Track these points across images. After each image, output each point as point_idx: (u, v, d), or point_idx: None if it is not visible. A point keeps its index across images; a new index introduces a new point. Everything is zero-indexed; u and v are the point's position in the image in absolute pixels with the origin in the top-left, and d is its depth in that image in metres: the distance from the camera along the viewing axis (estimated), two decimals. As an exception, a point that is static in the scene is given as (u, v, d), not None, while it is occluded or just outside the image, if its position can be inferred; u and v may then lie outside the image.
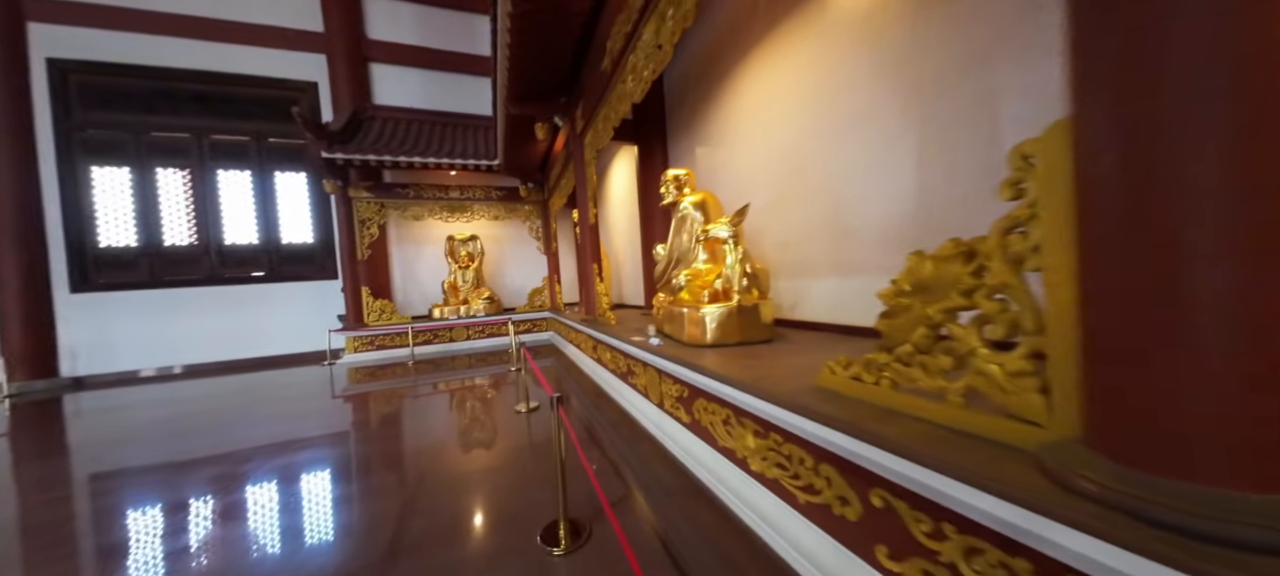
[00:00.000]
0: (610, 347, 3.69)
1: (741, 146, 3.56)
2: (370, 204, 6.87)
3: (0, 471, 2.97)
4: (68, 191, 6.23)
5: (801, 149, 2.84)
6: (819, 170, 2.72)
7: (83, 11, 6.18)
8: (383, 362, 6.47)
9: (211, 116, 6.90)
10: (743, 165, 3.55)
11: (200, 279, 6.86)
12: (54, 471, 2.91)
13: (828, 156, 2.64)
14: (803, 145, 2.83)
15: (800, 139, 2.85)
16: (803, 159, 2.84)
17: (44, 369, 6.06)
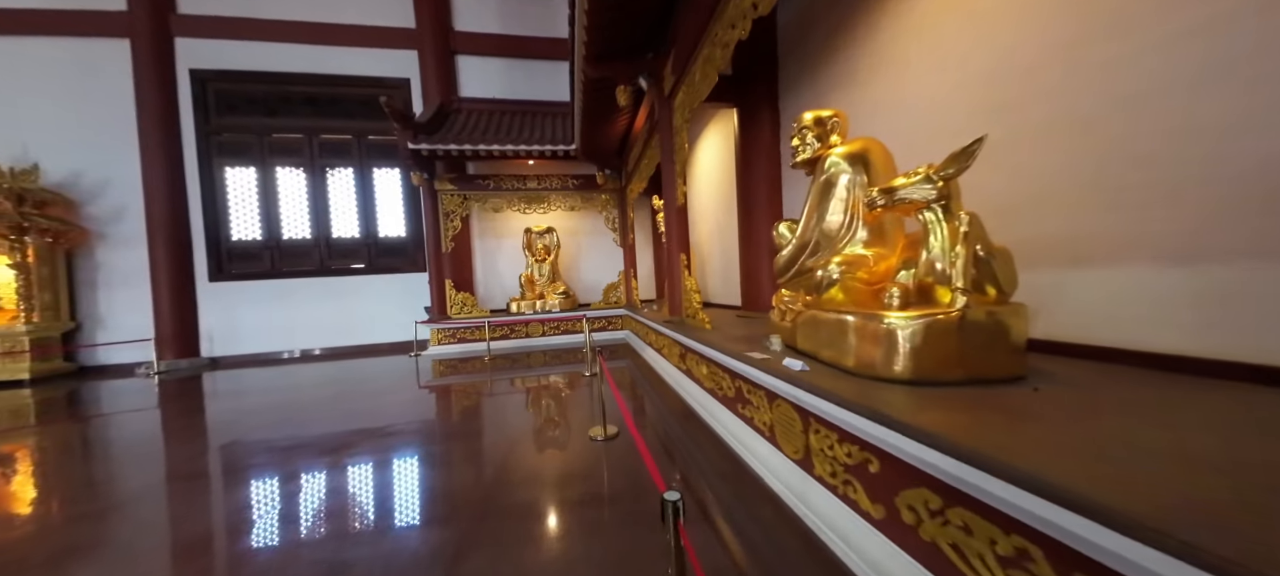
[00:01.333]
0: (707, 361, 2.82)
1: (911, 78, 2.47)
2: (454, 196, 6.67)
3: (152, 438, 3.30)
4: (206, 190, 6.76)
5: (1040, 59, 1.72)
6: (1076, 90, 1.59)
7: (217, 24, 6.64)
8: (463, 356, 6.22)
9: (321, 117, 7.15)
10: (914, 104, 2.47)
11: (311, 270, 7.16)
12: (192, 440, 3.19)
13: (1094, 69, 1.51)
14: (1043, 53, 1.71)
15: (1036, 41, 1.73)
16: (1039, 77, 1.72)
17: (187, 349, 6.63)
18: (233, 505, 2.12)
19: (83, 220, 6.38)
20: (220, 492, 2.28)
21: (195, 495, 2.25)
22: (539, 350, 6.37)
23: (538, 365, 5.51)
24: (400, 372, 5.41)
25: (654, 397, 3.60)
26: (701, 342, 2.79)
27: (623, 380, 4.41)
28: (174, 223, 6.55)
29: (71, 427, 3.68)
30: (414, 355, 6.36)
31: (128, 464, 2.75)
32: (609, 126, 5.35)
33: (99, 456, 2.95)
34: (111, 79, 6.32)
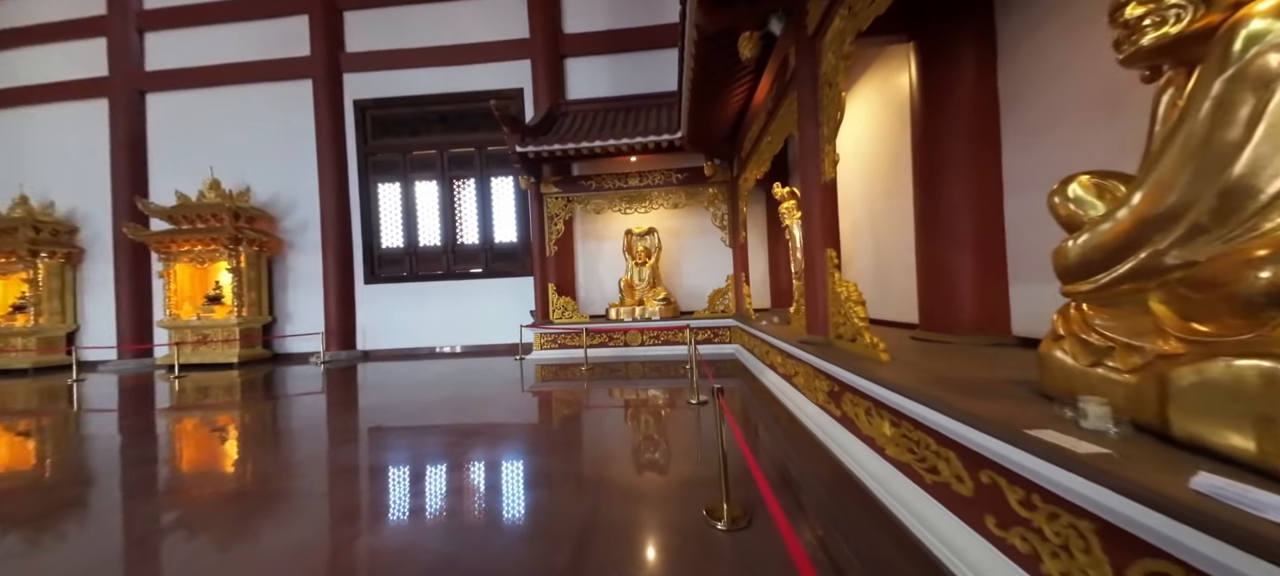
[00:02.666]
0: (902, 419, 1.71)
1: None
2: (558, 199, 6.40)
3: (317, 417, 3.86)
4: (364, 204, 7.61)
5: None
6: None
7: (374, 58, 7.46)
8: (562, 362, 5.83)
9: (450, 132, 7.59)
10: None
11: (441, 273, 7.60)
12: (347, 421, 3.70)
13: None
14: None
15: None
16: None
17: (346, 342, 7.48)
18: (373, 474, 2.51)
19: (279, 232, 7.66)
20: (365, 466, 2.64)
21: (345, 469, 2.61)
22: (638, 361, 5.66)
23: (636, 377, 4.81)
24: (506, 375, 5.25)
25: (787, 448, 2.53)
26: (886, 387, 1.70)
27: (734, 407, 3.41)
28: (341, 233, 7.48)
29: (265, 404, 4.49)
30: (519, 358, 6.20)
31: (302, 435, 3.38)
32: (721, 103, 4.43)
33: (282, 428, 3.61)
34: (299, 113, 7.48)
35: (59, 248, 7.50)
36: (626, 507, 1.90)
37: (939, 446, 1.49)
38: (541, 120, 6.45)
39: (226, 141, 7.60)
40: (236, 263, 7.04)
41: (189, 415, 4.14)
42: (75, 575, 1.59)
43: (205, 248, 7.14)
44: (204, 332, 7.07)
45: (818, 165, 2.58)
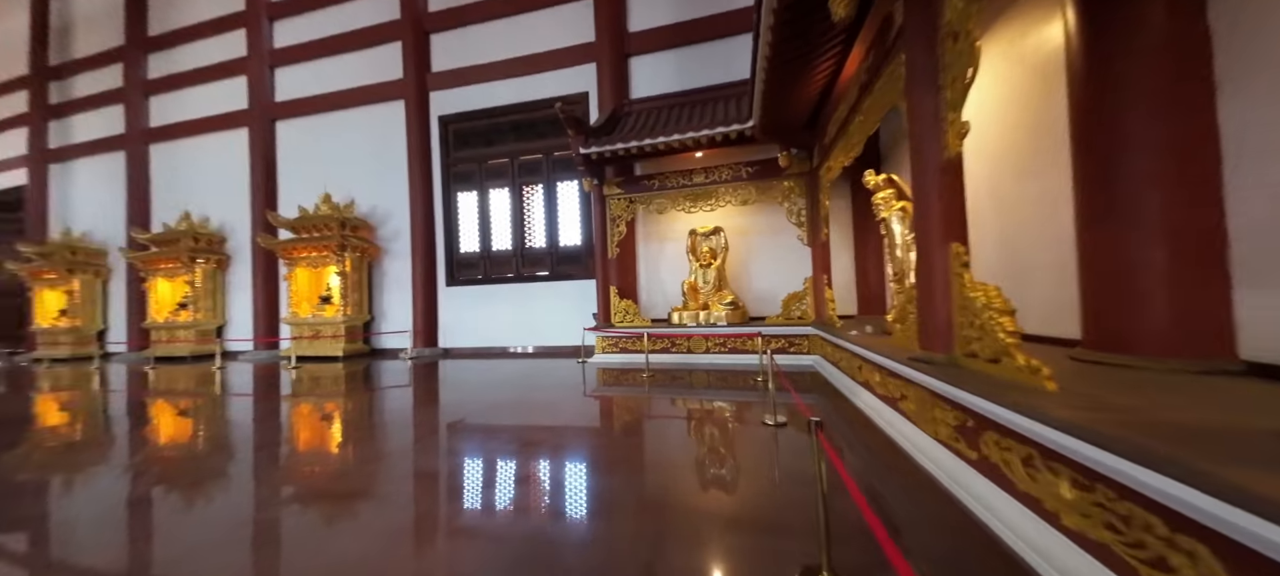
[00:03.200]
0: (1108, 487, 1.17)
1: None
2: (620, 199, 6.20)
3: (404, 412, 4.06)
4: (446, 212, 8.07)
5: None
6: None
7: (456, 76, 7.89)
8: (623, 367, 5.59)
9: (520, 141, 7.78)
10: None
11: (511, 276, 7.81)
12: (429, 415, 3.89)
13: None
14: None
15: None
16: None
17: (430, 340, 7.96)
18: (451, 459, 2.73)
19: (377, 240, 8.39)
20: (444, 451, 2.89)
21: (427, 449, 2.93)
22: (702, 369, 5.23)
23: (700, 388, 4.39)
24: (568, 378, 5.13)
25: (893, 490, 1.99)
26: (1067, 431, 1.17)
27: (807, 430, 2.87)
28: (426, 240, 7.99)
29: (363, 394, 4.91)
30: (581, 361, 6.08)
31: (393, 422, 3.71)
32: (802, 83, 3.88)
33: (376, 420, 3.82)
34: (393, 131, 8.14)
35: (211, 255, 8.93)
36: (697, 556, 1.52)
37: (1173, 532, 0.92)
38: (605, 121, 6.30)
39: (337, 160, 8.52)
40: (343, 267, 7.82)
41: (304, 400, 4.69)
42: (218, 531, 1.88)
43: (319, 254, 8.02)
44: (317, 329, 7.93)
45: (937, 139, 2.01)
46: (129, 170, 9.64)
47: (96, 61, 10.17)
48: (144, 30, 9.67)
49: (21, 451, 3.19)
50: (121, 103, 9.83)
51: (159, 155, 9.67)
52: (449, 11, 7.94)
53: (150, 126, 9.64)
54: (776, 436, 2.83)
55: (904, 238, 3.66)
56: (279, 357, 8.15)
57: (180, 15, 9.51)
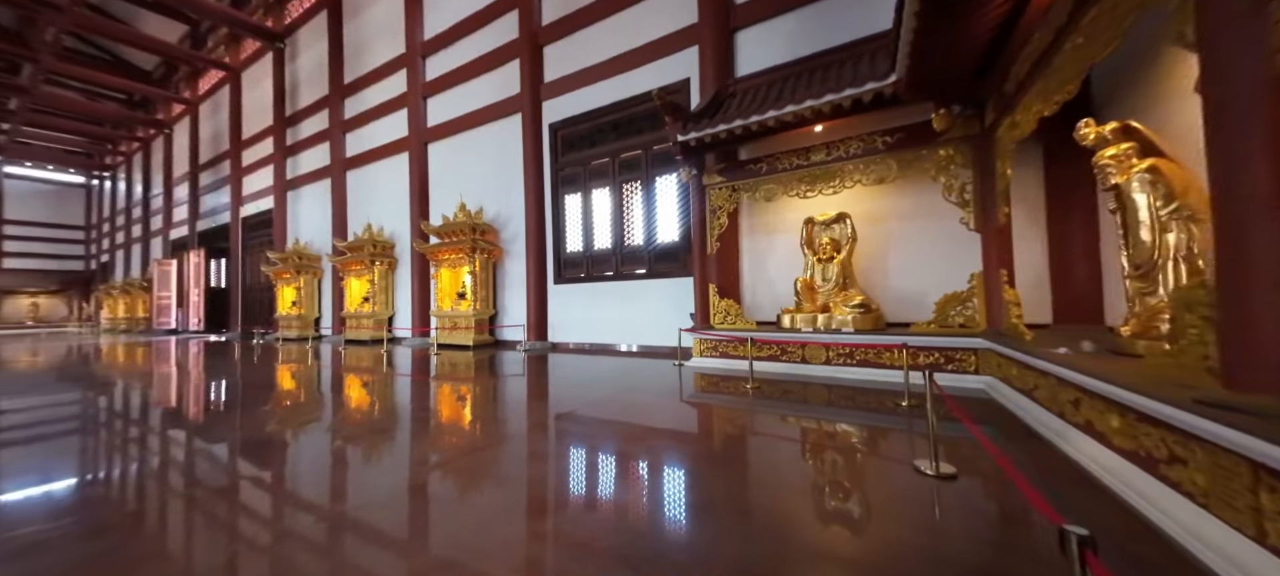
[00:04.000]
0: None
1: None
2: (721, 189, 5.55)
3: (518, 398, 4.33)
4: (555, 214, 8.36)
5: None
6: None
7: (563, 83, 8.10)
8: (723, 373, 4.95)
9: (620, 138, 7.65)
10: None
11: (610, 275, 7.74)
12: (540, 406, 3.96)
13: None
14: None
15: None
16: None
17: (541, 334, 8.33)
18: (560, 448, 2.81)
19: (500, 243, 9.10)
20: (553, 439, 3.01)
21: (539, 437, 3.07)
22: (820, 383, 4.31)
23: (817, 405, 3.57)
24: (664, 382, 4.72)
25: None
26: None
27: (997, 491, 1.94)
28: (538, 241, 8.39)
29: (489, 380, 5.37)
30: (678, 364, 5.61)
31: (512, 405, 4.05)
32: (972, 11, 2.82)
33: (502, 397, 4.40)
34: (512, 143, 8.72)
35: (384, 259, 10.74)
36: None
37: None
38: (707, 104, 5.71)
39: (470, 173, 9.49)
40: (473, 268, 8.67)
41: (445, 381, 5.34)
42: (384, 480, 2.37)
43: (456, 256, 9.02)
44: (454, 321, 8.93)
45: (1255, 39, 1.03)
46: (333, 193, 12.20)
47: (313, 109, 13.15)
48: (341, 80, 12.15)
49: (268, 407, 4.23)
50: (327, 140, 12.51)
51: (352, 179, 12.04)
52: (559, 22, 8.19)
53: (346, 157, 12.05)
54: (936, 494, 1.96)
55: (1154, 211, 2.45)
56: (428, 343, 9.40)
57: (363, 64, 11.70)
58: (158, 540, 1.79)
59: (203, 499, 2.14)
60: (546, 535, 1.77)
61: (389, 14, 11.02)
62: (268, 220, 14.46)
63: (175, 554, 1.67)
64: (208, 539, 1.80)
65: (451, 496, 2.13)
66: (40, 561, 1.57)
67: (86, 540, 1.72)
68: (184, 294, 17.22)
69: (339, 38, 12.29)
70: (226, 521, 1.92)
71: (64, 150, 24.05)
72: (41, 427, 3.59)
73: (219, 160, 16.90)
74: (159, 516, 2.03)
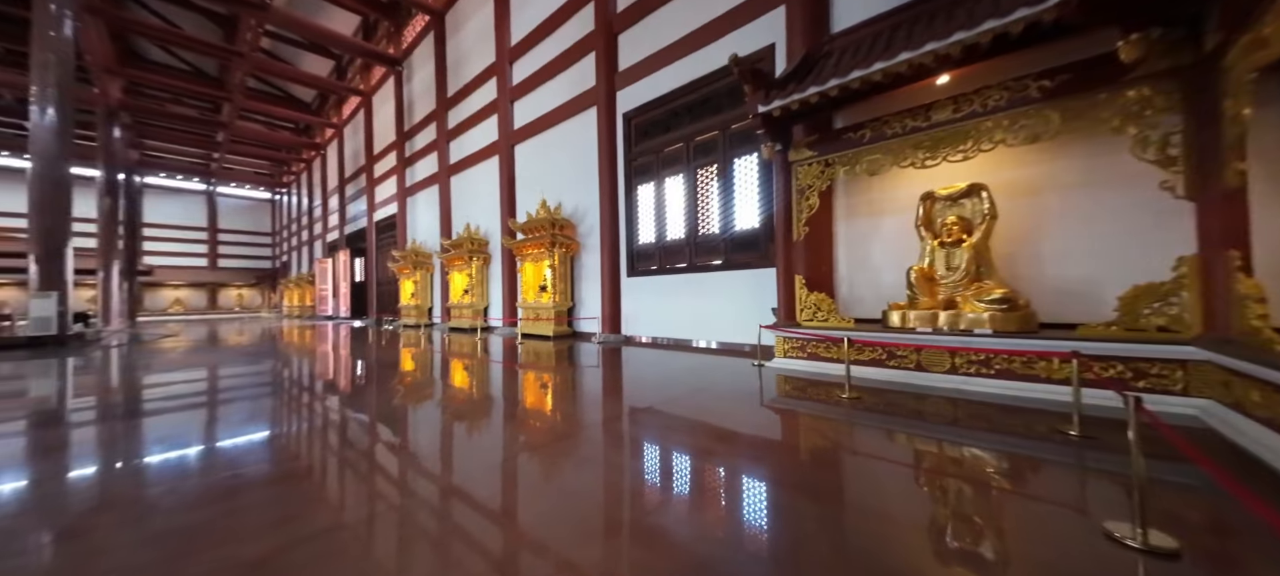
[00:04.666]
0: None
1: None
2: (811, 165, 4.82)
3: (593, 390, 4.29)
4: (628, 206, 8.20)
5: None
6: None
7: (637, 70, 7.84)
8: (811, 377, 4.30)
9: (694, 121, 7.17)
10: None
11: (684, 266, 7.35)
12: (614, 400, 3.80)
13: None
14: None
15: None
16: None
17: (614, 327, 8.27)
18: (632, 444, 2.68)
19: (577, 237, 9.22)
20: (627, 431, 2.91)
21: (612, 430, 2.97)
22: (940, 396, 3.48)
23: (939, 424, 2.84)
24: (742, 383, 4.23)
25: None
26: None
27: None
28: (612, 234, 8.31)
29: (569, 369, 5.49)
30: (757, 364, 5.05)
31: (588, 397, 4.02)
32: None
33: (579, 387, 4.43)
34: (588, 137, 8.72)
35: (480, 255, 11.59)
36: None
37: None
38: (794, 69, 5.00)
39: (550, 170, 9.76)
40: (553, 261, 8.91)
41: (530, 369, 5.55)
42: (480, 455, 2.61)
43: (537, 251, 9.35)
44: (537, 312, 9.28)
45: None
46: (440, 197, 13.51)
47: (424, 123, 14.68)
48: (445, 93, 13.36)
49: (393, 382, 4.83)
50: (435, 150, 13.87)
51: (455, 184, 13.21)
52: (634, 5, 7.94)
53: (450, 164, 13.25)
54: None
55: None
56: (515, 333, 9.93)
57: (462, 77, 12.70)
58: (319, 488, 2.18)
59: (352, 457, 2.59)
60: (616, 550, 1.50)
61: (482, 26, 11.78)
62: (393, 223, 16.59)
63: (332, 500, 2.01)
64: (355, 492, 2.15)
65: (532, 481, 2.20)
66: (242, 500, 1.97)
67: (272, 485, 2.13)
68: (336, 287, 20.63)
69: (443, 55, 13.51)
70: (366, 476, 2.32)
71: (254, 172, 30.36)
72: (244, 389, 4.76)
73: (358, 174, 19.86)
74: (320, 468, 2.44)
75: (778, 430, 2.98)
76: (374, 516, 1.82)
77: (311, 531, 1.66)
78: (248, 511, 1.84)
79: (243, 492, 2.03)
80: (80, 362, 6.83)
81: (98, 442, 2.95)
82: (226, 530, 1.68)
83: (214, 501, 1.93)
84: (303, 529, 1.68)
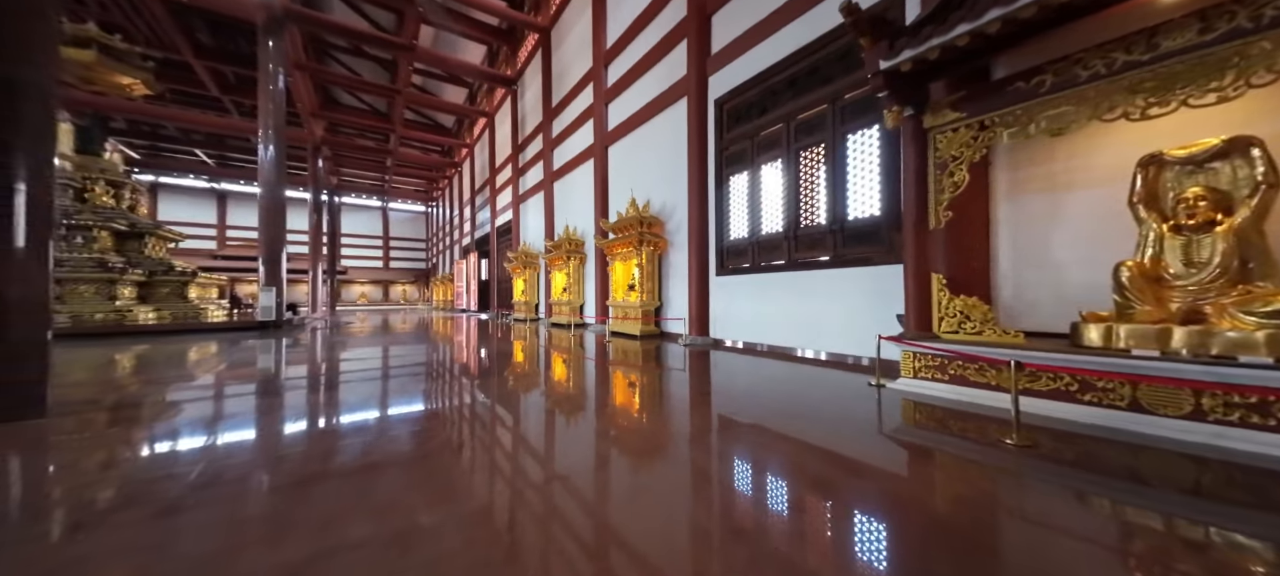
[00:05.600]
0: None
1: None
2: (958, 129, 3.69)
3: (682, 395, 3.94)
4: (718, 200, 7.58)
5: None
6: None
7: (732, 50, 7.19)
8: (958, 407, 3.26)
9: (797, 96, 6.25)
10: None
11: (782, 264, 6.48)
12: (701, 410, 3.40)
13: None
14: None
15: None
16: None
17: (702, 329, 7.72)
18: (723, 467, 2.31)
19: (665, 234, 8.89)
20: (717, 451, 2.54)
21: (701, 444, 2.64)
22: (1175, 450, 2.27)
23: (1171, 497, 1.78)
24: (855, 407, 3.35)
25: None
26: None
27: None
28: (701, 229, 7.78)
29: (655, 368, 5.23)
30: (876, 384, 4.06)
31: (677, 403, 3.65)
32: None
33: (664, 392, 4.08)
34: (677, 130, 8.32)
35: (577, 254, 12.02)
36: None
37: None
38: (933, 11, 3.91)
39: (640, 167, 9.62)
40: (641, 260, 8.73)
41: (619, 366, 5.51)
42: (575, 449, 2.60)
43: (626, 250, 9.27)
44: (625, 311, 9.21)
45: None
46: (544, 202, 14.44)
47: (533, 135, 15.86)
48: (551, 103, 14.22)
49: (507, 370, 5.12)
50: (541, 159, 14.87)
51: (558, 189, 13.99)
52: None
53: (554, 170, 14.07)
54: None
55: None
56: (605, 330, 10.03)
57: (564, 86, 13.36)
58: (454, 463, 2.34)
59: (481, 435, 2.82)
60: None
61: (582, 36, 12.21)
62: (509, 228, 18.36)
63: (461, 485, 2.09)
64: (483, 471, 2.29)
65: (612, 496, 2.02)
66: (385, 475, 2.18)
67: (416, 463, 2.33)
68: (467, 284, 23.72)
69: (549, 68, 14.41)
70: (489, 456, 2.49)
71: (413, 190, 36.64)
72: (397, 358, 6.28)
73: (483, 187, 22.49)
74: (454, 446, 2.62)
75: (904, 471, 2.21)
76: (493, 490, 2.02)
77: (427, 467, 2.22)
78: (388, 450, 2.45)
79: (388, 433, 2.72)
80: (289, 340, 8.86)
81: (294, 387, 4.32)
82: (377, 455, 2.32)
83: (368, 445, 2.51)
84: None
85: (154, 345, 7.80)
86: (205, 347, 7.57)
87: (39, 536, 1.61)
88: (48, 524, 1.72)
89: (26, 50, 3.18)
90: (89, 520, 1.71)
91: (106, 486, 2.05)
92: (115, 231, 11.71)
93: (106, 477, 2.15)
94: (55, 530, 1.67)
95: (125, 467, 2.29)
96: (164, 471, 2.22)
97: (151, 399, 3.78)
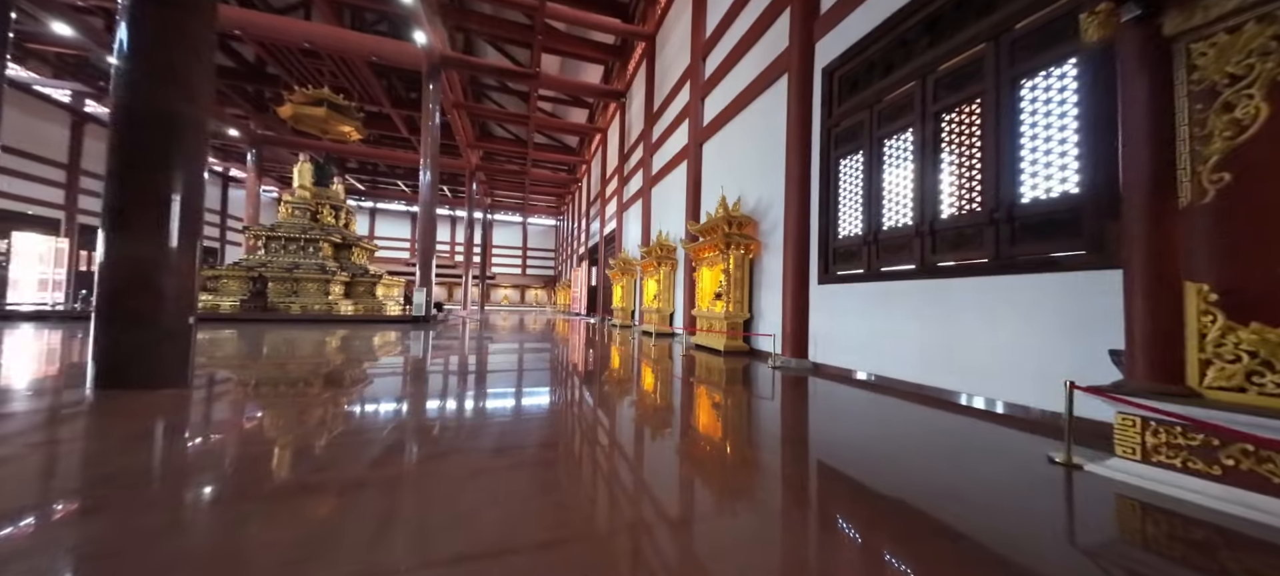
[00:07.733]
0: None
1: None
2: (1241, 29, 1.97)
3: (774, 425, 3.28)
4: (823, 190, 6.13)
5: None
6: None
7: (843, 5, 5.81)
8: (1245, 526, 1.61)
9: (937, 42, 4.59)
10: None
11: (911, 268, 4.78)
12: (797, 450, 2.74)
13: None
14: None
15: None
16: None
17: (799, 350, 6.30)
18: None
19: (759, 235, 7.65)
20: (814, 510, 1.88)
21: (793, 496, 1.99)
22: None
23: None
24: (1025, 505, 1.91)
25: None
26: None
27: None
28: (800, 227, 6.42)
29: (731, 397, 4.25)
30: (1064, 462, 2.42)
31: (764, 437, 2.99)
32: None
33: (748, 421, 3.40)
34: (776, 115, 7.11)
35: (668, 260, 11.42)
36: None
37: None
38: None
39: (734, 162, 8.59)
40: (728, 265, 7.67)
41: (701, 382, 5.00)
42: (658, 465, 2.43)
43: (713, 254, 8.30)
44: (709, 321, 8.23)
45: None
46: (642, 209, 14.28)
47: (636, 143, 15.92)
48: (652, 108, 14.05)
49: (605, 374, 5.25)
50: (642, 166, 14.77)
51: (654, 195, 13.69)
52: (838, -74, 5.94)
53: (652, 176, 13.82)
54: None
55: None
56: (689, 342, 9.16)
57: (665, 87, 13.05)
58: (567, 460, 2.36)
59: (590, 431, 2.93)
60: None
61: (683, 34, 11.74)
62: (613, 237, 18.84)
63: (566, 488, 2.00)
64: (588, 464, 2.33)
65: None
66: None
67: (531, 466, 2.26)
68: (581, 290, 25.23)
69: (652, 73, 14.31)
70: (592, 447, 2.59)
71: (545, 206, 40.99)
72: (519, 349, 7.25)
73: (595, 199, 23.71)
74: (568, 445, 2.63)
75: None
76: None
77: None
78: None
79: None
80: (434, 332, 10.34)
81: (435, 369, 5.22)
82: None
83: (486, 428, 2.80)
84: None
85: (352, 329, 10.11)
86: (367, 333, 9.37)
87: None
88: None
89: (187, 90, 3.88)
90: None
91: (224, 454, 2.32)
92: (333, 243, 15.35)
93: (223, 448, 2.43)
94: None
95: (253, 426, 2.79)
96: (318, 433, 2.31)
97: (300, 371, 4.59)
